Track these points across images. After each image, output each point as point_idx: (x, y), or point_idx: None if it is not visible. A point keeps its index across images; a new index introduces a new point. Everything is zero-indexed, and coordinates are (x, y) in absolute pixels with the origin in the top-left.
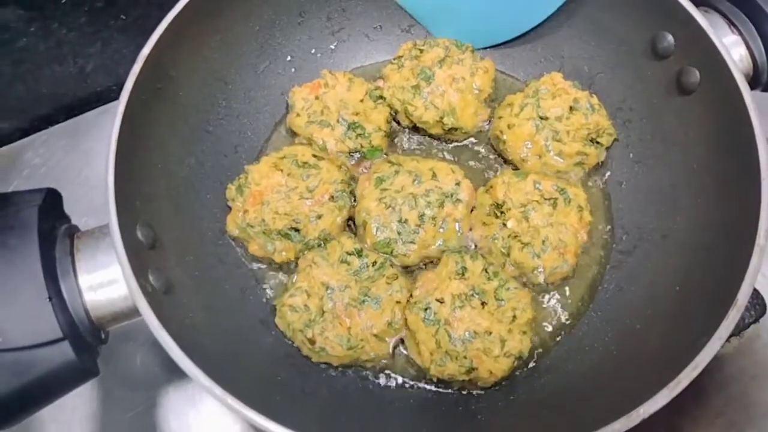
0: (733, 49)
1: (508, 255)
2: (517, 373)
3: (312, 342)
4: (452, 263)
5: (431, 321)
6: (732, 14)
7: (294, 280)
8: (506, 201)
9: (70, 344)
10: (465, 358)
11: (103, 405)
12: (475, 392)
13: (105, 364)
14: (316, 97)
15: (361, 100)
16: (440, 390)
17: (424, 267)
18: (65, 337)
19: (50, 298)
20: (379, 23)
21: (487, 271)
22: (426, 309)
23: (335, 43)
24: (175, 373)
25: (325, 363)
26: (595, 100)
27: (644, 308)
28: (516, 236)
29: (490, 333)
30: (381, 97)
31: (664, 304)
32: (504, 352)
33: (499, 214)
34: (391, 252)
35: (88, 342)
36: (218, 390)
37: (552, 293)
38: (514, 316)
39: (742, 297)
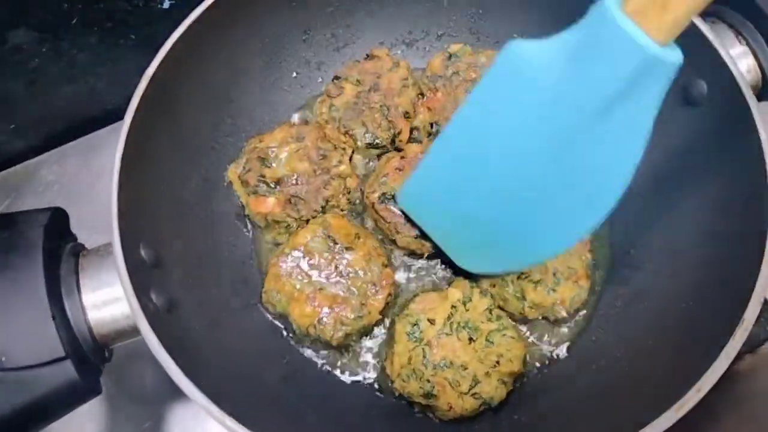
0: (741, 60)
1: (524, 298)
2: (524, 389)
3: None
4: (459, 292)
5: (414, 338)
6: (739, 25)
7: None
8: None
9: (72, 363)
10: (428, 381)
11: (110, 421)
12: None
13: (113, 381)
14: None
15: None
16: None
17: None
18: (67, 356)
19: (54, 317)
20: (382, 39)
21: (490, 312)
22: (414, 324)
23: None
24: (182, 391)
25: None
26: None
27: (652, 327)
28: (526, 277)
29: (466, 368)
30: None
31: (673, 323)
32: (472, 391)
33: None
34: None
35: (91, 360)
36: (215, 410)
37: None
38: (498, 362)
39: (750, 315)
